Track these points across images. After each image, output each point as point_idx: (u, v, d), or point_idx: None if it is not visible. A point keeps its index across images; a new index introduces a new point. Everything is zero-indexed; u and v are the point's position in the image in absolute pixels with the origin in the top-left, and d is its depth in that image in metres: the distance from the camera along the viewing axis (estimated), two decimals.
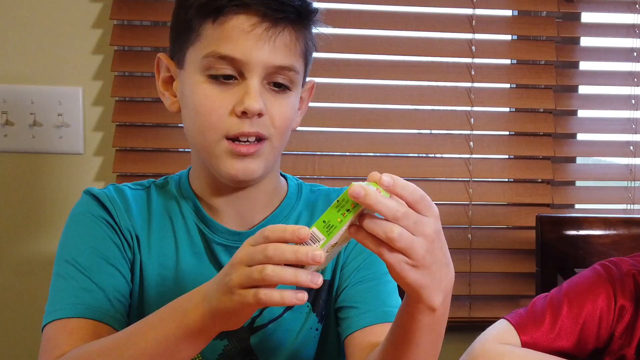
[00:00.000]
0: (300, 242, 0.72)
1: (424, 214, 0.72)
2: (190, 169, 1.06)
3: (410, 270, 0.72)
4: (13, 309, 1.63)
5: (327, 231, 0.71)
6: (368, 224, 0.70)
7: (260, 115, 0.93)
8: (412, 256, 0.71)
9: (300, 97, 1.03)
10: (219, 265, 1.01)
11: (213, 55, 0.92)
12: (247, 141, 0.93)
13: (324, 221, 0.71)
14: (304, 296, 0.72)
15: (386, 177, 0.71)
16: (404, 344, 0.81)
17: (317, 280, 0.71)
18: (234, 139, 0.93)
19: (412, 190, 0.72)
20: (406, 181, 0.72)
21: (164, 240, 1.01)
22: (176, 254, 1.01)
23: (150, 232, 1.01)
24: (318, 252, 0.70)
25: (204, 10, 0.93)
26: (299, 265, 0.71)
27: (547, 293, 1.16)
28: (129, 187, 1.04)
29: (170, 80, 1.01)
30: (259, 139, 0.94)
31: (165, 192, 1.04)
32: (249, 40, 0.92)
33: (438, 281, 0.74)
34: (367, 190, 0.69)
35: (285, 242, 0.72)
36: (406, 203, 0.72)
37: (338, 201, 0.71)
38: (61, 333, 0.92)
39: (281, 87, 0.96)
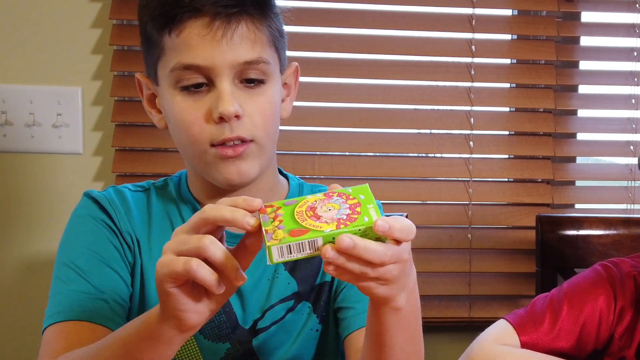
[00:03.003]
0: (253, 211, 0.71)
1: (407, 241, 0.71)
2: (187, 173, 1.05)
3: (379, 288, 0.72)
4: (13, 309, 1.63)
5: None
6: (346, 264, 0.68)
7: (238, 117, 0.91)
8: (384, 278, 0.71)
9: (285, 84, 1.02)
10: None
11: (178, 67, 0.91)
12: (233, 143, 0.92)
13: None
14: (221, 291, 0.71)
15: (381, 222, 0.67)
16: (378, 346, 0.81)
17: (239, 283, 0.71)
18: (220, 144, 0.93)
19: (407, 231, 0.69)
20: (400, 220, 0.69)
21: (164, 244, 1.01)
22: None
23: (150, 235, 1.01)
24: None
25: (158, 23, 0.92)
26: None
27: (547, 293, 1.16)
28: (129, 189, 1.04)
29: (153, 98, 1.01)
30: (242, 141, 0.93)
31: (164, 195, 1.04)
32: (206, 44, 0.90)
33: (403, 286, 0.74)
34: (356, 240, 0.67)
35: (227, 222, 0.71)
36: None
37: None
38: (58, 337, 0.91)
39: (255, 82, 0.94)
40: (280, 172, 1.08)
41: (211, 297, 0.74)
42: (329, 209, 0.71)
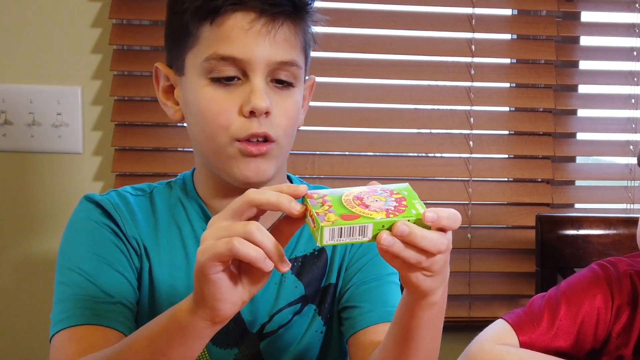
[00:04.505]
0: (298, 197, 0.71)
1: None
2: (193, 172, 1.04)
3: (426, 280, 0.72)
4: (13, 309, 1.63)
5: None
6: (403, 252, 0.68)
7: (267, 113, 0.91)
8: (432, 269, 0.71)
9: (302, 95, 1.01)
10: None
11: (214, 57, 0.91)
12: (257, 140, 0.92)
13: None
14: (270, 268, 0.70)
15: (429, 214, 0.69)
16: (406, 341, 0.81)
17: (285, 268, 0.71)
18: (244, 140, 0.92)
19: (454, 218, 0.71)
20: (447, 210, 0.71)
21: (173, 249, 0.99)
22: (187, 264, 0.98)
23: (158, 241, 0.99)
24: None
25: (200, 13, 0.92)
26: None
27: (544, 293, 1.16)
28: (130, 194, 1.01)
29: (170, 90, 0.99)
30: (267, 139, 0.92)
31: (169, 198, 1.02)
32: (248, 38, 0.90)
33: (443, 278, 0.75)
34: (412, 228, 0.68)
35: (272, 206, 0.71)
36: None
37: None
38: (69, 341, 0.90)
39: (284, 84, 0.94)
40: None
41: (244, 286, 0.73)
42: (376, 200, 0.71)
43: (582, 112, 1.80)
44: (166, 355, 0.78)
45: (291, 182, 1.07)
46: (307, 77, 1.02)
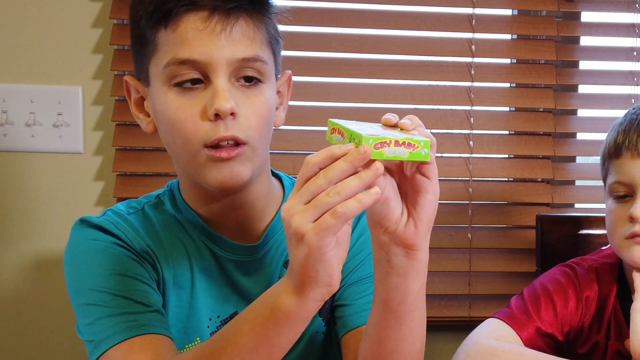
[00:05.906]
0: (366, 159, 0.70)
1: None
2: (178, 183, 1.02)
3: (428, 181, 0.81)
4: (13, 309, 1.63)
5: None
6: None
7: (233, 114, 0.89)
8: (429, 172, 0.81)
9: (279, 92, 1.00)
10: (232, 284, 0.99)
11: (173, 62, 0.89)
12: (227, 143, 0.89)
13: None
14: (378, 190, 0.70)
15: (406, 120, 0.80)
16: (398, 319, 0.82)
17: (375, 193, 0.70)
18: (214, 145, 0.89)
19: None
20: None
21: (179, 261, 0.98)
22: (191, 276, 0.98)
23: (165, 252, 0.98)
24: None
25: (153, 18, 0.90)
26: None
27: (518, 294, 1.19)
28: (125, 212, 1.00)
29: (141, 102, 0.98)
30: (236, 142, 0.90)
31: (162, 214, 1.01)
32: (204, 38, 0.88)
33: (431, 219, 0.82)
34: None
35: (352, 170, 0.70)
36: None
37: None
38: (131, 353, 0.87)
39: (252, 81, 0.92)
40: (272, 172, 1.06)
41: (338, 255, 0.73)
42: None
43: (582, 112, 1.80)
44: (274, 344, 0.78)
45: (280, 180, 1.06)
46: (279, 75, 1.00)
